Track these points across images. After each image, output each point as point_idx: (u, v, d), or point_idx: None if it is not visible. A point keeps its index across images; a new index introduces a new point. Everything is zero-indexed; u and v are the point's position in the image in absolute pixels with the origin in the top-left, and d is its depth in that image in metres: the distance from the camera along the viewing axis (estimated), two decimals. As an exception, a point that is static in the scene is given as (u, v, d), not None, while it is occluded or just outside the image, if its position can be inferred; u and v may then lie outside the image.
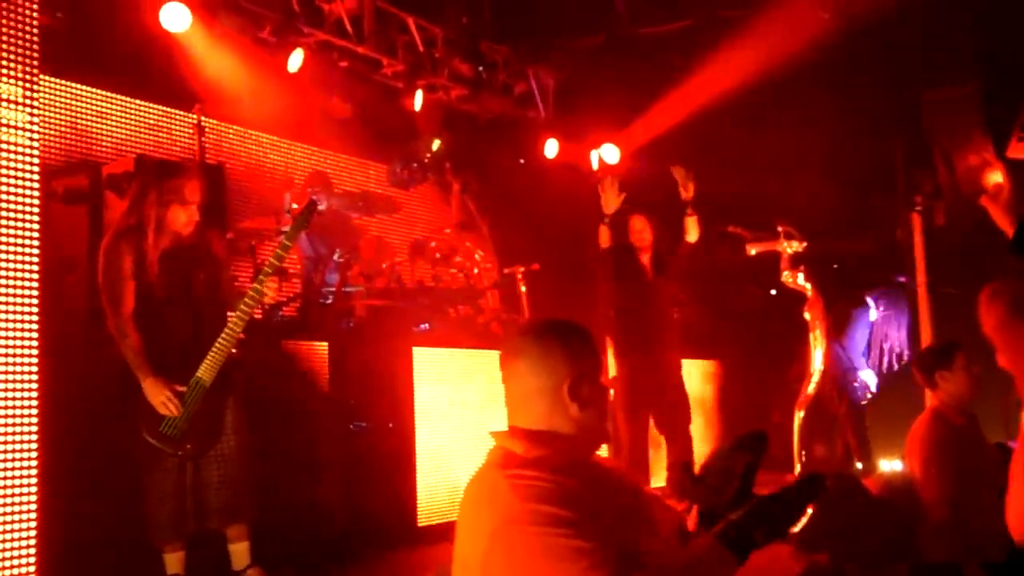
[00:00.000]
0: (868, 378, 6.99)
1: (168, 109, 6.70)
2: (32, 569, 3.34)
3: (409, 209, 8.01)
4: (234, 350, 4.05)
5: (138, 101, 6.59)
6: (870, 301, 7.03)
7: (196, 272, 4.05)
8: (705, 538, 1.75)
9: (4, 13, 3.53)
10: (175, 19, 5.86)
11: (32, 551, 3.34)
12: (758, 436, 1.91)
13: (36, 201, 3.55)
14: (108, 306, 3.88)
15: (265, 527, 4.24)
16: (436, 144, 7.42)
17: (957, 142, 7.39)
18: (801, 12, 7.11)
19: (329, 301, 6.14)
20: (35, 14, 3.65)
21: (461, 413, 5.72)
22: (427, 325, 6.29)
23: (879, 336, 7.10)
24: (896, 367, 7.42)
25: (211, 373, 3.93)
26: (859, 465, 6.87)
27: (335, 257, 6.25)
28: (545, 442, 1.92)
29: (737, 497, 1.81)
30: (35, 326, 3.46)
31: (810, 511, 3.51)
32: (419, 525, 5.41)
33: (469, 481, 1.96)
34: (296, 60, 6.61)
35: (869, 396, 7.02)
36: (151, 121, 6.65)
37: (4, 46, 3.52)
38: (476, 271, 6.90)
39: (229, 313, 4.11)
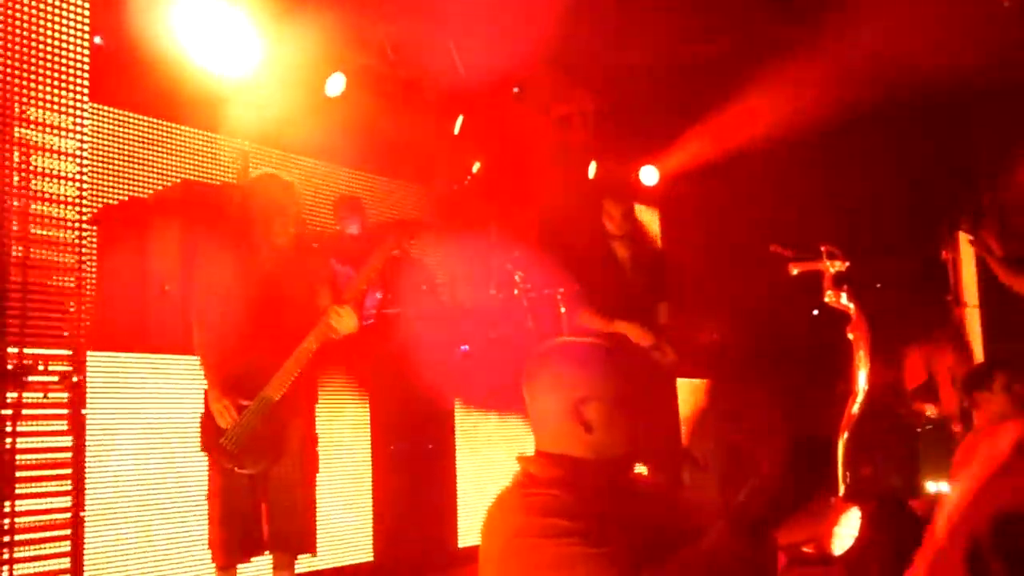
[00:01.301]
0: (931, 412, 6.88)
1: (213, 135, 6.81)
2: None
3: (448, 231, 8.05)
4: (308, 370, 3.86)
5: (183, 127, 6.71)
6: (934, 339, 6.94)
7: (291, 284, 3.91)
8: (717, 524, 1.74)
9: (55, 42, 3.61)
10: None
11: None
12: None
13: (84, 228, 3.61)
14: (194, 317, 3.87)
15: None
16: (476, 166, 7.46)
17: (1005, 161, 7.28)
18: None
19: (370, 323, 6.17)
20: (85, 43, 3.73)
21: (501, 434, 5.71)
22: (467, 347, 6.30)
23: (948, 376, 6.99)
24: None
25: (279, 391, 3.79)
26: (901, 485, 6.76)
27: (376, 294, 6.24)
28: (562, 464, 1.92)
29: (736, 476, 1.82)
30: (79, 347, 3.50)
31: (855, 533, 3.46)
32: (458, 546, 5.40)
33: (490, 505, 1.98)
34: (337, 84, 6.69)
35: (927, 427, 6.91)
36: (196, 146, 6.77)
37: (54, 75, 3.61)
38: (516, 292, 6.90)
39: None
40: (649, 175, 8.65)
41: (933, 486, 6.53)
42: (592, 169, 8.56)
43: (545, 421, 1.98)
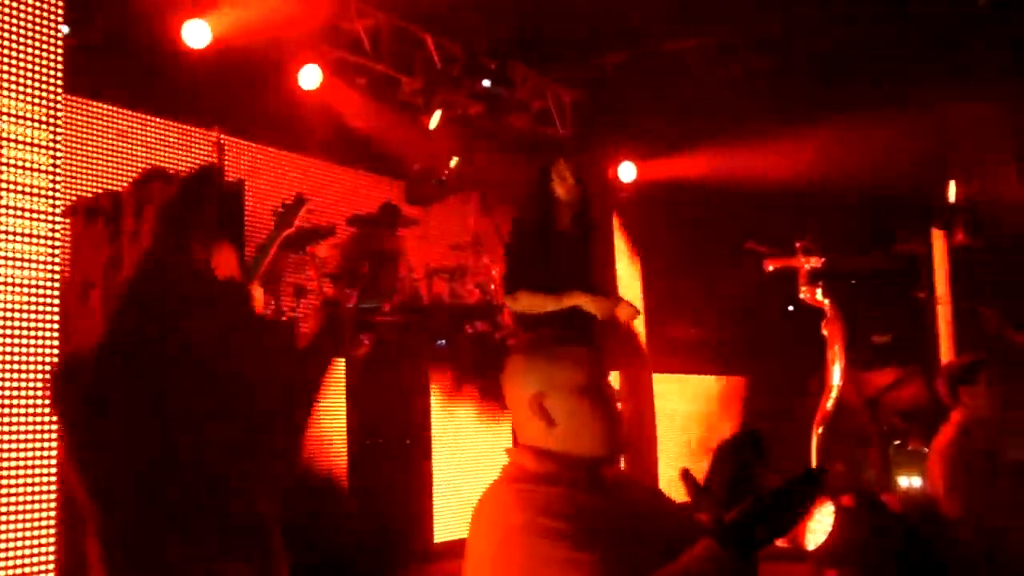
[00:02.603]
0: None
1: (187, 127, 6.76)
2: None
3: (426, 225, 8.04)
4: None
5: (158, 119, 6.66)
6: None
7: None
8: (703, 540, 1.69)
9: (28, 33, 3.58)
10: (196, 36, 5.92)
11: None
12: (751, 434, 1.86)
13: (57, 220, 3.58)
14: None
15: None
16: (454, 161, 7.45)
17: (978, 156, 7.36)
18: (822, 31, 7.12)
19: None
20: (59, 34, 3.69)
21: (477, 429, 5.72)
22: (444, 341, 6.30)
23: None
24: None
25: None
26: (874, 480, 6.83)
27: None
28: (550, 459, 1.91)
29: (733, 497, 1.75)
30: (55, 344, 3.47)
31: (829, 528, 3.49)
32: (435, 541, 5.41)
33: (482, 495, 1.96)
34: (312, 77, 6.65)
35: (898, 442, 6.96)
36: (171, 140, 6.72)
37: (27, 65, 3.57)
38: (493, 287, 6.91)
39: None
40: (626, 171, 8.66)
41: (905, 481, 6.59)
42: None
43: (516, 416, 1.98)
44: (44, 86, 3.63)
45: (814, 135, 7.74)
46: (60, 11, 3.71)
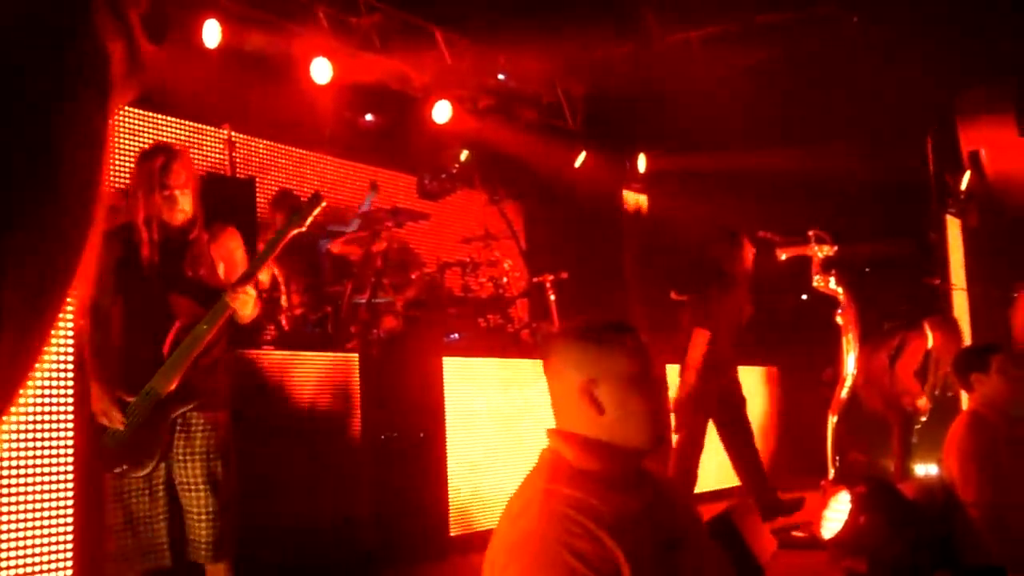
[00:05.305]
0: (922, 404, 6.88)
1: (199, 125, 6.77)
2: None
3: (438, 220, 8.05)
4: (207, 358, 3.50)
5: (168, 118, 6.67)
6: (927, 328, 6.91)
7: (184, 270, 3.52)
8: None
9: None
10: (209, 36, 5.95)
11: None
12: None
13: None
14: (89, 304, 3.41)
15: (295, 540, 4.24)
16: (464, 155, 7.46)
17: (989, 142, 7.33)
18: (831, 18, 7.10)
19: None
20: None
21: (492, 422, 5.72)
22: (457, 335, 6.31)
23: (935, 364, 6.96)
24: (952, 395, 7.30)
25: (166, 383, 3.39)
26: (892, 469, 6.80)
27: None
28: (594, 451, 1.89)
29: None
30: (71, 335, 3.46)
31: (845, 517, 3.47)
32: (451, 535, 5.41)
33: (516, 492, 1.93)
34: (323, 71, 6.66)
35: (923, 420, 6.92)
36: (182, 137, 6.73)
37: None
38: (506, 280, 6.91)
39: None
40: (640, 162, 8.67)
41: (922, 469, 6.57)
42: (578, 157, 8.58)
43: (561, 402, 1.96)
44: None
45: (826, 120, 7.72)
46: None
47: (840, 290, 6.19)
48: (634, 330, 1.98)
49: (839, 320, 6.24)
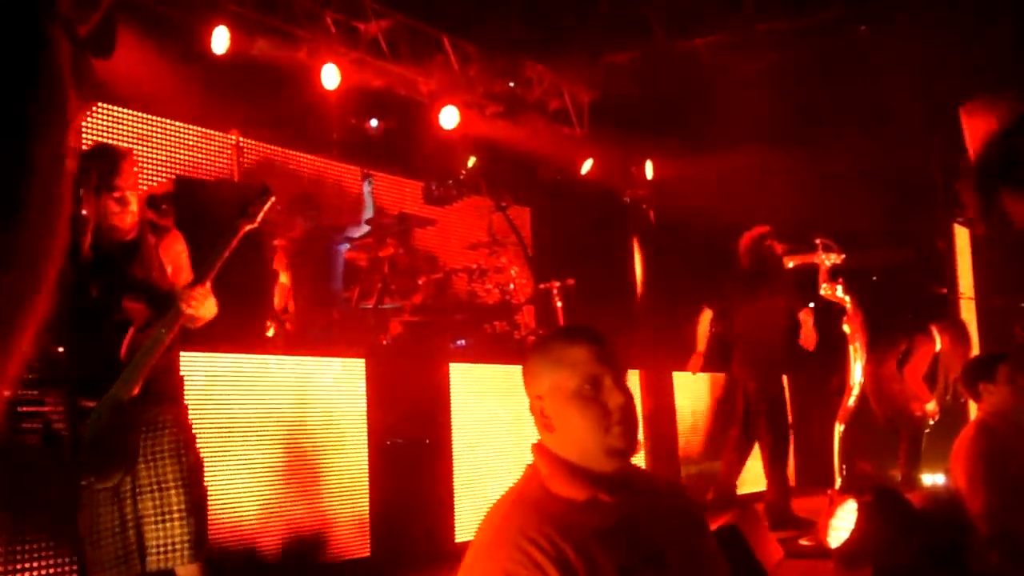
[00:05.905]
0: (931, 409, 6.84)
1: (207, 131, 6.79)
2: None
3: (444, 226, 8.05)
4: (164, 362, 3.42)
5: (177, 123, 6.69)
6: (935, 332, 6.87)
7: (133, 273, 3.44)
8: None
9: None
10: (218, 42, 5.98)
11: None
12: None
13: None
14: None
15: (300, 545, 4.24)
16: (471, 161, 7.47)
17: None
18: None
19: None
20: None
21: (498, 428, 5.72)
22: (464, 341, 6.31)
23: (944, 368, 6.92)
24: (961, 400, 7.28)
25: (128, 389, 3.30)
26: (899, 478, 6.77)
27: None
28: (560, 471, 1.81)
29: None
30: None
31: (852, 526, 3.46)
32: (456, 541, 5.41)
33: (494, 505, 1.91)
34: (331, 77, 6.68)
35: (931, 423, 6.88)
36: (190, 142, 6.75)
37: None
38: (512, 287, 6.91)
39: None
40: (648, 168, 8.66)
41: (929, 479, 6.54)
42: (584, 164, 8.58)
43: (532, 416, 1.93)
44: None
45: (834, 128, 7.71)
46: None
47: (847, 298, 6.18)
48: (592, 340, 1.84)
49: (846, 328, 6.23)
